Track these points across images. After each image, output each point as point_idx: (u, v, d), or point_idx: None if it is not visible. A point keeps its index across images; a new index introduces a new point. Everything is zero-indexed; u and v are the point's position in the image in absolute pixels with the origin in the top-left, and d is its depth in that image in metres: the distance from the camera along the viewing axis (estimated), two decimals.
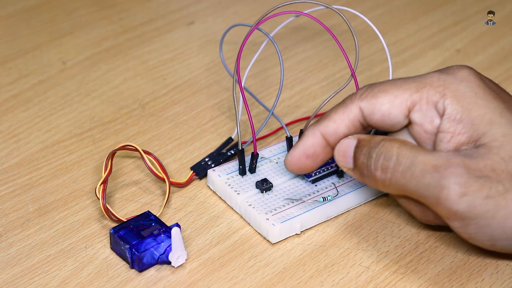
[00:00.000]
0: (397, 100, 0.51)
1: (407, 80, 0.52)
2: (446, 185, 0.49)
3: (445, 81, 0.51)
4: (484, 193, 0.48)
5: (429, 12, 0.82)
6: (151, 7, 0.82)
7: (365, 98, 0.52)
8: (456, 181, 0.49)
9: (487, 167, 0.48)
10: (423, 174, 0.49)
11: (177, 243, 0.53)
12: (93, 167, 0.62)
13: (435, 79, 0.51)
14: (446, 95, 0.50)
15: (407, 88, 0.51)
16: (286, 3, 0.58)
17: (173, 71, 0.72)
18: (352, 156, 0.52)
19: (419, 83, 0.51)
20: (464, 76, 0.51)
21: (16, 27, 0.78)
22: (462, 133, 0.50)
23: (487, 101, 0.50)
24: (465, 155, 0.49)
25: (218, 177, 0.59)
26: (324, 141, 0.54)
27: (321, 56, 0.75)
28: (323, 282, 0.53)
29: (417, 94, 0.51)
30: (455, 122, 0.50)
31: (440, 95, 0.50)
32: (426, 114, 0.51)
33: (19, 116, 0.67)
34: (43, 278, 0.53)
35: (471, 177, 0.48)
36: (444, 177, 0.49)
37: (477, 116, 0.49)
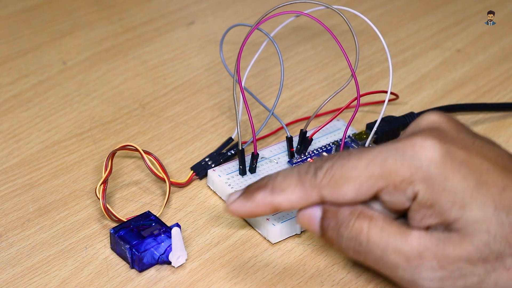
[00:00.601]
0: (362, 188, 0.48)
1: (369, 164, 0.48)
2: (420, 283, 0.47)
3: (411, 167, 0.47)
4: (460, 287, 0.47)
5: (429, 12, 0.82)
6: (151, 7, 0.82)
7: (326, 186, 0.48)
8: (430, 279, 0.47)
9: (461, 258, 0.46)
10: (395, 267, 0.47)
11: (177, 243, 0.53)
12: (93, 167, 0.62)
13: (400, 165, 0.47)
14: (414, 182, 0.47)
15: (371, 175, 0.48)
16: (286, 3, 0.58)
17: (173, 71, 0.72)
18: (318, 226, 0.49)
19: (383, 169, 0.47)
20: (429, 157, 0.47)
21: (16, 27, 0.78)
22: (433, 217, 0.47)
23: (457, 184, 0.46)
24: (437, 242, 0.47)
25: (218, 177, 0.59)
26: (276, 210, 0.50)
27: (321, 56, 0.75)
28: (323, 282, 0.53)
29: (383, 181, 0.48)
30: (425, 207, 0.47)
31: (408, 182, 0.47)
32: (395, 197, 0.48)
33: (19, 116, 0.67)
34: (43, 278, 0.53)
35: (445, 272, 0.47)
36: (417, 274, 0.47)
37: (448, 202, 0.46)
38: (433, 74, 0.73)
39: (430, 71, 0.73)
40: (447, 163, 0.47)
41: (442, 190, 0.46)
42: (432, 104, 0.68)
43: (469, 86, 0.72)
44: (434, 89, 0.71)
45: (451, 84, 0.72)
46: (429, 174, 0.47)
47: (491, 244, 0.46)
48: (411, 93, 0.70)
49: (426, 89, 0.71)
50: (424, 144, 0.47)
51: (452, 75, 0.73)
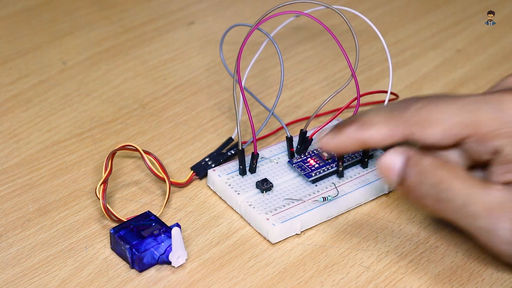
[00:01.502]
0: (449, 132, 0.49)
1: (460, 110, 0.49)
2: (499, 233, 0.48)
3: (499, 121, 0.49)
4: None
5: (430, 12, 0.82)
6: (151, 7, 0.82)
7: (417, 123, 0.50)
8: (510, 229, 0.48)
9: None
10: (476, 216, 0.49)
11: (177, 243, 0.53)
12: (93, 167, 0.62)
13: (489, 118, 0.49)
14: (500, 136, 0.49)
15: (460, 122, 0.49)
16: (286, 3, 0.58)
17: (173, 71, 0.72)
18: (398, 173, 0.50)
19: (472, 118, 0.49)
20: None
21: (16, 27, 0.78)
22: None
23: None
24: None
25: (218, 177, 0.59)
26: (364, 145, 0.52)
27: (321, 56, 0.75)
28: (323, 282, 0.53)
29: (469, 129, 0.49)
30: (507, 162, 0.49)
31: (493, 135, 0.49)
32: (478, 148, 0.50)
33: (19, 116, 0.67)
34: (43, 278, 0.53)
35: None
36: (497, 224, 0.48)
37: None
38: (433, 74, 0.73)
39: (430, 71, 0.73)
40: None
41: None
42: None
43: (469, 86, 0.72)
44: (434, 89, 0.71)
45: (451, 84, 0.72)
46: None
47: None
48: (411, 93, 0.70)
49: (426, 89, 0.71)
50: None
51: (452, 75, 0.73)
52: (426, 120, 0.49)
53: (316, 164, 0.59)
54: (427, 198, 0.50)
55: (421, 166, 0.50)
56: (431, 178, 0.49)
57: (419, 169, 0.50)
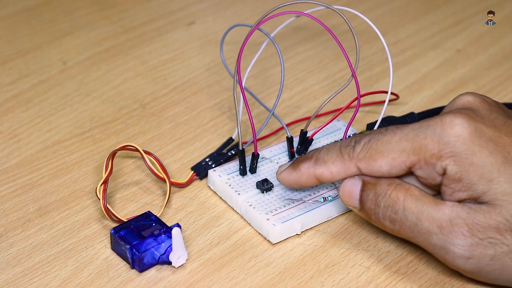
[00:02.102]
0: (395, 162, 0.51)
1: (401, 139, 0.51)
2: (451, 249, 0.50)
3: (440, 143, 0.50)
4: (489, 255, 0.49)
5: (430, 12, 0.82)
6: (151, 7, 0.82)
7: (362, 159, 0.52)
8: (461, 245, 0.49)
9: (491, 227, 0.49)
10: (429, 233, 0.50)
11: (178, 243, 0.53)
12: (94, 167, 0.62)
13: (429, 141, 0.50)
14: (443, 157, 0.50)
15: (403, 150, 0.51)
16: (287, 3, 0.58)
17: (173, 71, 0.72)
18: (358, 198, 0.53)
19: (414, 145, 0.51)
20: (458, 134, 0.50)
21: (16, 27, 0.78)
22: (462, 190, 0.50)
23: (484, 158, 0.49)
24: (468, 211, 0.49)
25: (219, 177, 0.59)
26: (318, 180, 0.54)
27: (321, 56, 0.75)
28: (323, 282, 0.53)
29: (414, 156, 0.51)
30: (454, 181, 0.50)
31: (437, 157, 0.50)
32: (427, 172, 0.51)
33: (19, 116, 0.67)
34: (44, 279, 0.53)
35: (475, 239, 0.49)
36: (448, 240, 0.50)
37: (475, 176, 0.49)
38: (433, 74, 0.73)
39: (430, 71, 0.73)
40: (474, 139, 0.50)
41: (469, 164, 0.49)
42: (432, 104, 0.68)
43: (469, 86, 0.72)
44: (434, 89, 0.71)
45: (451, 84, 0.72)
46: (456, 150, 0.50)
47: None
48: (412, 93, 0.70)
49: (426, 89, 0.71)
50: (453, 122, 0.50)
51: (452, 75, 0.73)
52: (371, 154, 0.52)
53: None
54: (384, 220, 0.52)
55: (376, 189, 0.52)
56: (385, 200, 0.52)
57: (374, 193, 0.52)
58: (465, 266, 0.50)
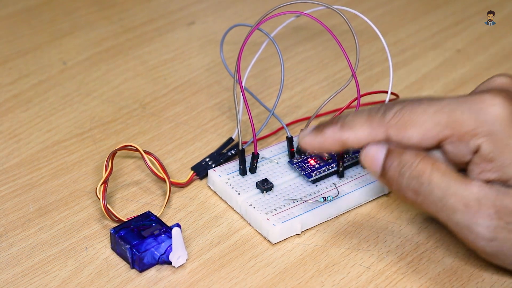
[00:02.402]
0: (428, 134, 0.50)
1: (437, 112, 0.50)
2: (475, 229, 0.49)
3: (477, 120, 0.49)
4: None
5: (430, 12, 0.82)
6: (151, 7, 0.82)
7: (393, 126, 0.51)
8: (486, 226, 0.49)
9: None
10: (453, 210, 0.49)
11: (178, 243, 0.53)
12: (94, 167, 0.62)
13: (467, 117, 0.49)
14: (479, 135, 0.49)
15: (438, 122, 0.50)
16: (287, 3, 0.58)
17: (173, 71, 0.72)
18: (381, 164, 0.51)
19: (450, 118, 0.50)
20: (496, 113, 0.49)
21: (16, 27, 0.78)
22: (493, 171, 0.49)
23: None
24: (497, 193, 0.49)
25: (219, 177, 0.59)
26: (343, 146, 0.53)
27: (321, 56, 0.75)
28: (323, 282, 0.53)
29: (448, 130, 0.50)
30: (486, 160, 0.49)
31: (472, 135, 0.49)
32: (458, 148, 0.50)
33: (19, 116, 0.67)
34: (44, 278, 0.53)
35: (501, 222, 0.49)
36: (474, 220, 0.49)
37: (509, 158, 0.49)
38: (433, 74, 0.73)
39: (430, 71, 0.73)
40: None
41: (505, 146, 0.49)
42: None
43: (469, 86, 0.71)
44: (434, 89, 0.71)
45: (451, 84, 0.72)
46: (493, 129, 0.49)
47: None
48: (412, 93, 0.70)
49: (426, 89, 0.71)
50: (492, 101, 0.49)
51: (452, 75, 0.73)
52: (404, 123, 0.51)
53: (317, 164, 0.59)
54: (407, 190, 0.51)
55: (402, 158, 0.51)
56: (410, 170, 0.50)
57: (399, 161, 0.51)
58: (486, 247, 0.50)
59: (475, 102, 0.50)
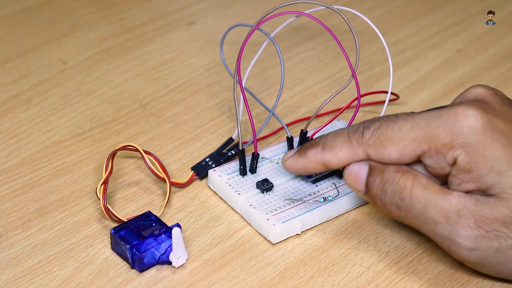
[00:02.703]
0: (405, 150, 0.51)
1: (413, 128, 0.51)
2: (456, 240, 0.50)
3: (452, 134, 0.50)
4: (494, 247, 0.49)
5: (430, 12, 0.82)
6: (151, 7, 0.82)
7: (372, 146, 0.52)
8: (466, 236, 0.49)
9: (498, 220, 0.49)
10: (435, 223, 0.50)
11: (178, 243, 0.53)
12: (94, 167, 0.62)
13: (442, 131, 0.50)
14: (454, 147, 0.50)
15: (414, 138, 0.51)
16: (287, 3, 0.58)
17: (173, 71, 0.72)
18: (364, 182, 0.53)
19: (426, 133, 0.50)
20: (470, 125, 0.50)
21: (16, 27, 0.78)
22: (471, 182, 0.50)
23: (496, 151, 0.49)
24: (475, 203, 0.49)
25: (219, 177, 0.59)
26: (326, 167, 0.54)
27: (321, 56, 0.75)
28: (323, 282, 0.53)
29: (425, 145, 0.51)
30: (464, 172, 0.50)
31: (448, 148, 0.50)
32: (436, 162, 0.51)
33: (19, 116, 0.67)
34: (44, 278, 0.53)
35: (481, 231, 0.49)
36: (455, 231, 0.50)
37: (485, 168, 0.49)
38: (433, 74, 0.73)
39: (430, 71, 0.73)
40: (487, 132, 0.49)
41: (481, 156, 0.49)
42: (433, 104, 0.68)
43: (469, 86, 0.71)
44: (434, 89, 0.71)
45: (451, 84, 0.72)
46: (468, 141, 0.49)
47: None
48: (412, 93, 0.70)
49: (426, 89, 0.71)
50: (466, 113, 0.50)
51: (452, 75, 0.73)
52: (382, 141, 0.52)
53: None
54: (390, 206, 0.52)
55: (383, 175, 0.52)
56: (392, 186, 0.51)
57: (381, 179, 0.52)
58: (470, 257, 0.50)
59: (449, 115, 0.50)
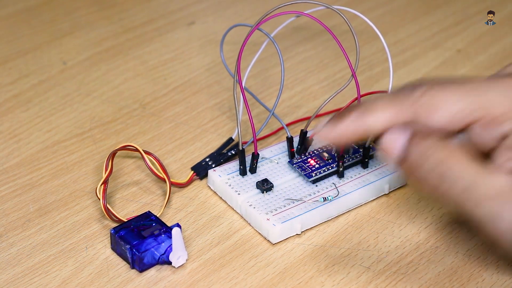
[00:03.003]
0: (456, 117, 0.47)
1: (468, 93, 0.47)
2: (501, 221, 0.46)
3: (508, 105, 0.47)
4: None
5: (430, 12, 0.82)
6: (151, 7, 0.82)
7: (423, 106, 0.47)
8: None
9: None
10: (479, 202, 0.47)
11: (178, 243, 0.53)
12: (94, 167, 0.62)
13: (497, 102, 0.47)
14: (509, 120, 0.47)
15: (469, 103, 0.47)
16: (287, 3, 0.58)
17: (173, 71, 0.72)
18: (401, 147, 0.48)
19: (481, 101, 0.47)
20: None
21: (16, 27, 0.78)
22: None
23: None
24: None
25: (219, 177, 0.59)
26: (365, 133, 0.49)
27: (321, 56, 0.75)
28: (323, 282, 0.53)
29: (479, 112, 0.47)
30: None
31: (501, 119, 0.47)
32: (486, 133, 0.47)
33: (19, 116, 0.67)
34: (44, 278, 0.53)
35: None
36: (500, 211, 0.46)
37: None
38: (433, 74, 0.73)
39: (431, 71, 0.73)
40: None
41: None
42: None
43: None
44: None
45: None
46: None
47: None
48: None
49: None
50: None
51: (452, 75, 0.73)
52: (433, 104, 0.47)
53: (317, 164, 0.59)
54: (429, 178, 0.47)
55: (425, 144, 0.48)
56: (434, 158, 0.47)
57: (423, 148, 0.48)
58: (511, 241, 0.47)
59: (504, 86, 0.47)
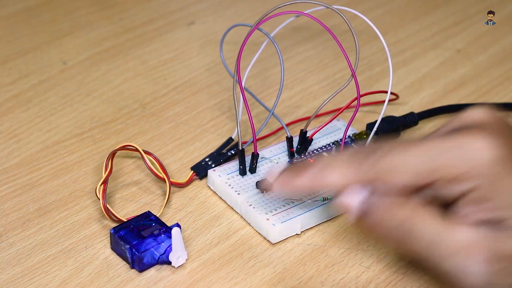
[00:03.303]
0: (415, 179, 0.47)
1: (425, 156, 0.47)
2: (466, 277, 0.46)
3: (467, 163, 0.46)
4: (508, 283, 0.46)
5: (430, 12, 0.82)
6: (151, 7, 0.82)
7: (383, 168, 0.47)
8: (477, 272, 0.46)
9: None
10: (443, 258, 0.46)
11: (178, 243, 0.53)
12: (94, 167, 0.62)
13: (456, 162, 0.46)
14: (473, 177, 0.46)
15: (429, 165, 0.47)
16: (287, 3, 0.58)
17: (173, 71, 0.72)
18: (359, 204, 0.48)
19: (441, 161, 0.47)
20: (489, 155, 0.46)
21: (16, 27, 0.78)
22: (485, 212, 0.46)
23: (509, 183, 0.46)
24: (487, 237, 0.46)
25: (219, 177, 0.59)
26: (321, 187, 0.50)
27: (321, 56, 0.75)
28: (323, 282, 0.53)
29: (440, 172, 0.46)
30: (480, 202, 0.46)
31: (464, 177, 0.46)
32: (447, 190, 0.47)
33: (19, 116, 0.67)
34: (44, 278, 0.53)
35: (494, 268, 0.46)
36: (464, 268, 0.46)
37: (504, 200, 0.46)
38: (433, 74, 0.73)
39: (430, 71, 0.73)
40: (505, 163, 0.46)
41: (498, 188, 0.46)
42: (432, 104, 0.68)
43: (469, 86, 0.72)
44: (434, 89, 0.71)
45: (451, 84, 0.72)
46: (487, 171, 0.46)
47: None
48: (411, 93, 0.70)
49: (426, 89, 0.71)
50: (482, 143, 0.46)
51: (452, 75, 0.73)
52: (392, 167, 0.47)
53: None
54: (391, 237, 0.48)
55: (385, 202, 0.48)
56: (397, 216, 0.47)
57: (385, 206, 0.48)
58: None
59: (459, 144, 0.47)
